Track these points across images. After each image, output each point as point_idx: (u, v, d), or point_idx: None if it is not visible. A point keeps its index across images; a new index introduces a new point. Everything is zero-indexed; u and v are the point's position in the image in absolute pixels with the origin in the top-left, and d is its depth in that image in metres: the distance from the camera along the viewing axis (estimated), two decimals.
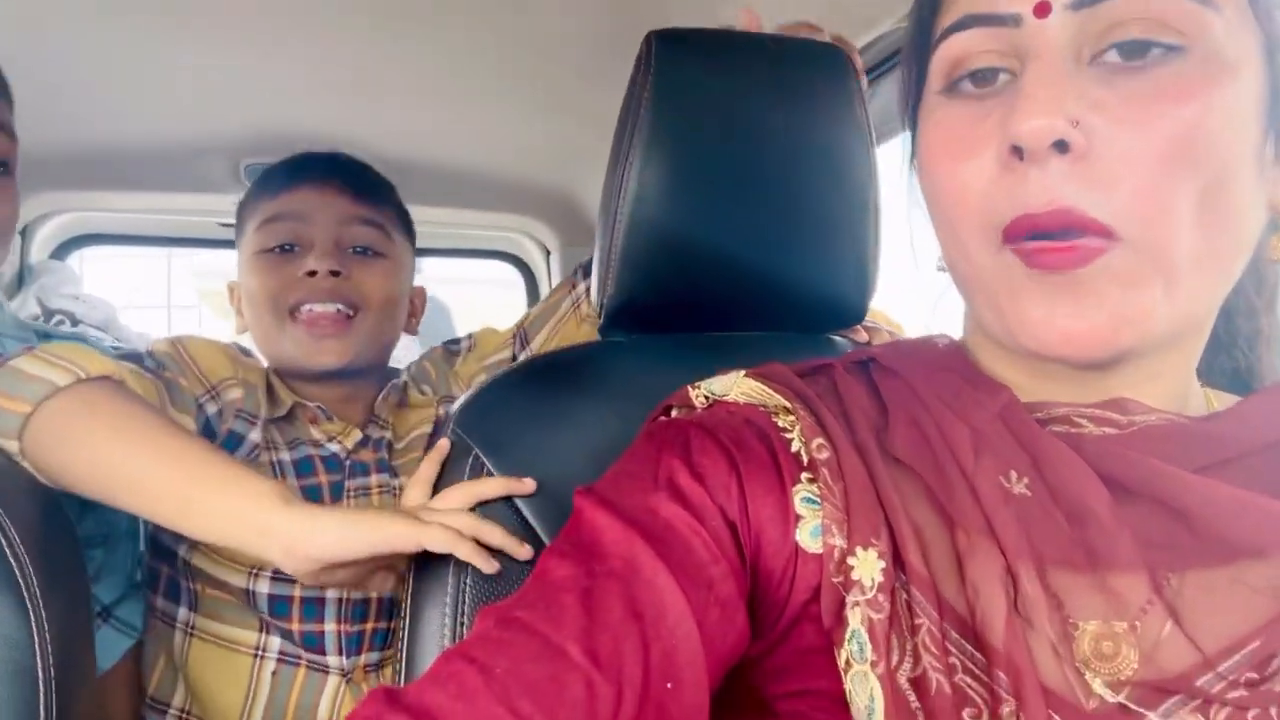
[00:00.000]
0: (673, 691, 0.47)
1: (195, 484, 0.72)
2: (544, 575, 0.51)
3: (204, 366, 0.97)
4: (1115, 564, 0.46)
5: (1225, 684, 0.44)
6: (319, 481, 1.01)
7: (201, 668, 0.97)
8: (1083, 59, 0.47)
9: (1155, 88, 0.45)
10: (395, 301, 1.10)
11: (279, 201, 1.06)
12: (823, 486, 0.52)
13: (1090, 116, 0.45)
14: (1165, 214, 0.45)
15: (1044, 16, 0.47)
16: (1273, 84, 0.48)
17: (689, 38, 0.80)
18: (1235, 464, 0.49)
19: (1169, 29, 0.45)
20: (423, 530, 0.70)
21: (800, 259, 0.83)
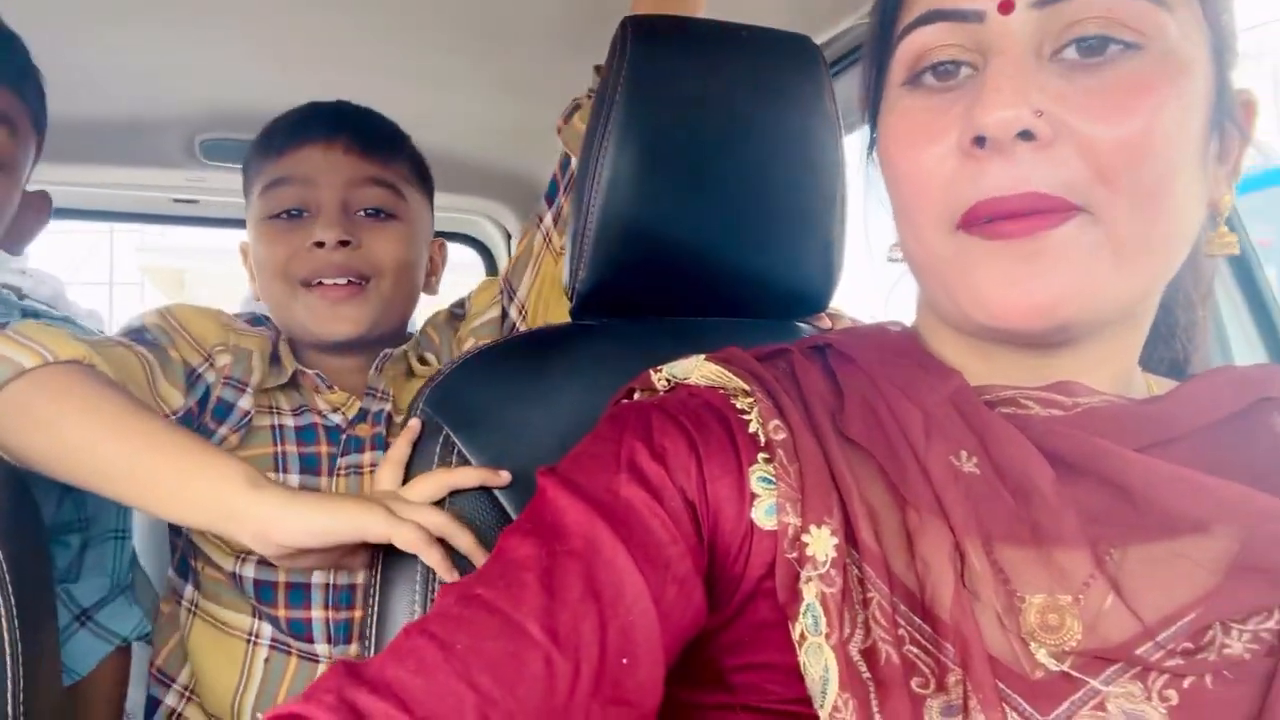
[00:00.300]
0: (628, 667, 0.49)
1: (163, 468, 0.72)
2: (505, 553, 0.52)
3: (195, 333, 0.95)
4: (1059, 539, 0.48)
5: (1163, 653, 0.46)
6: (319, 451, 0.99)
7: (200, 647, 0.97)
8: (1044, 54, 0.49)
9: (1114, 83, 0.48)
10: (411, 265, 1.05)
11: (283, 163, 1.00)
12: (778, 466, 0.54)
13: (1052, 108, 0.47)
14: (1119, 196, 0.48)
15: (1007, 13, 0.49)
16: (1219, 83, 0.51)
17: (663, 25, 0.81)
18: (1175, 444, 0.52)
19: (1126, 28, 0.48)
20: (395, 527, 0.70)
21: (768, 247, 0.84)
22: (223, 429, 0.95)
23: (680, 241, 0.82)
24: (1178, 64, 0.48)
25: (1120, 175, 0.47)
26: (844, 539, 0.51)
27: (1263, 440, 0.53)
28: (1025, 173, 0.48)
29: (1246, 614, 0.48)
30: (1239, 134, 0.54)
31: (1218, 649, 0.47)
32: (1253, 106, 0.54)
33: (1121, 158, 0.47)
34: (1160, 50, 0.48)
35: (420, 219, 1.08)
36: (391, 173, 1.03)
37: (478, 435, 0.77)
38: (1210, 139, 0.51)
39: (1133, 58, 0.48)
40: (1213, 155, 0.52)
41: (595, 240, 0.79)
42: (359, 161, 1.01)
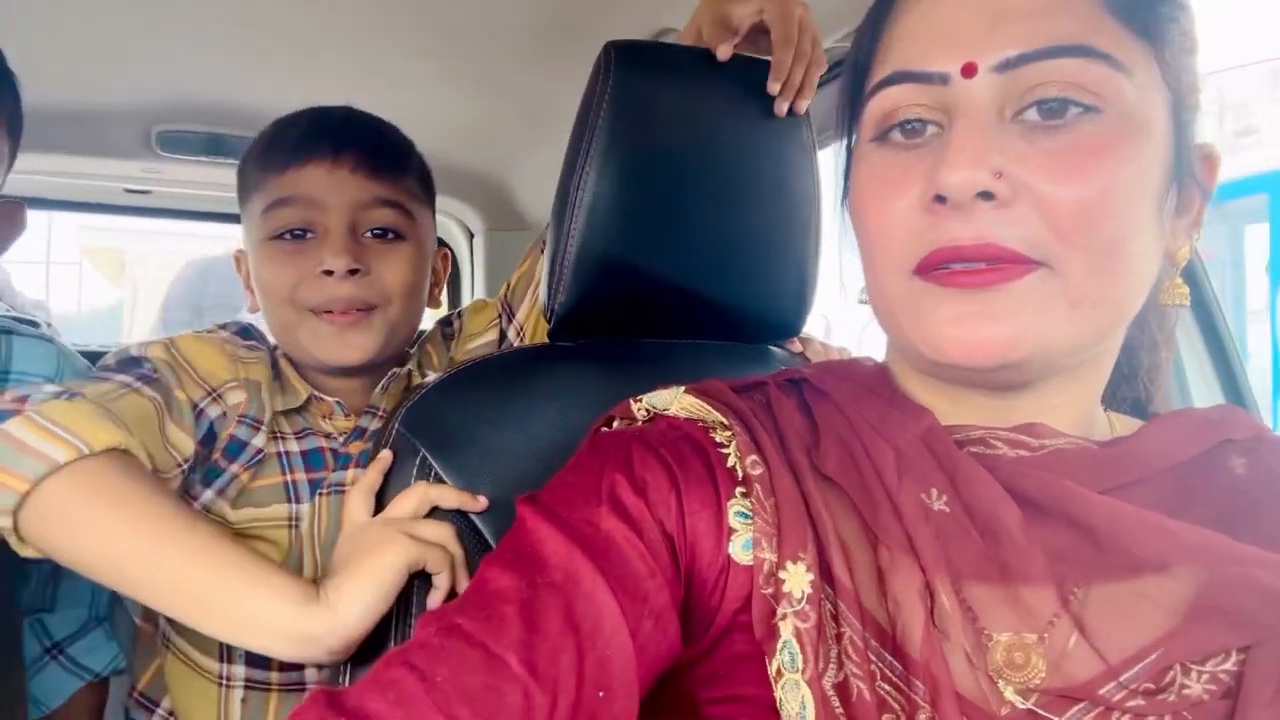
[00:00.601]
0: (604, 700, 0.49)
1: (213, 586, 0.68)
2: (486, 584, 0.53)
3: (202, 370, 0.91)
4: (1026, 578, 0.50)
5: (1126, 693, 0.48)
6: (328, 477, 0.96)
7: (176, 684, 0.94)
8: (1005, 116, 0.51)
9: (1073, 145, 0.49)
10: (420, 286, 1.02)
11: (286, 181, 0.95)
12: (755, 502, 0.55)
13: (1012, 169, 0.49)
14: (1076, 252, 0.49)
15: (970, 76, 0.51)
16: (1178, 140, 0.53)
17: (646, 51, 0.82)
18: (1138, 486, 0.54)
19: (1086, 91, 0.50)
20: (425, 551, 0.70)
21: (744, 273, 0.86)
22: (234, 466, 0.91)
23: (658, 265, 0.82)
24: (1135, 126, 0.50)
25: (1077, 233, 0.49)
26: (819, 575, 0.52)
27: (1222, 482, 0.55)
28: (984, 229, 0.50)
29: (1205, 655, 0.50)
30: (1199, 188, 0.55)
31: (1177, 690, 0.49)
32: (1213, 160, 0.56)
33: (1080, 218, 0.49)
34: (1118, 113, 0.50)
35: (428, 236, 1.04)
36: (401, 191, 0.99)
37: (455, 456, 0.77)
38: (1168, 193, 0.53)
39: (1092, 120, 0.50)
40: (1171, 208, 0.54)
41: (575, 263, 0.80)
42: (366, 182, 0.96)
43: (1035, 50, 0.50)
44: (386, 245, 0.98)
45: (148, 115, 1.58)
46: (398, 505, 0.74)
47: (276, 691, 0.93)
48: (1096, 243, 0.49)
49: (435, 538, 0.71)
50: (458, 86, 1.58)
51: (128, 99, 1.54)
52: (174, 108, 1.57)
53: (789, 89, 0.83)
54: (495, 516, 0.75)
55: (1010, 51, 0.50)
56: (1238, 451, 0.57)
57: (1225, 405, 0.60)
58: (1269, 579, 0.49)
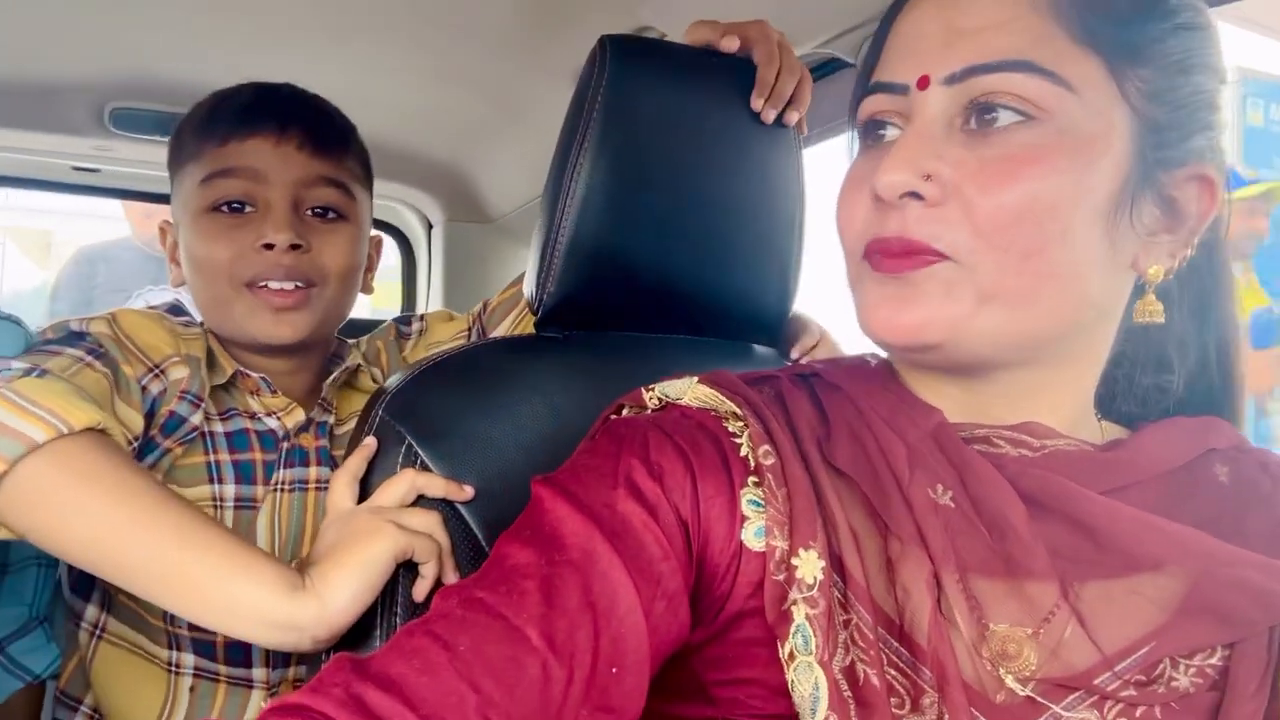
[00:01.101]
0: (616, 676, 0.51)
1: (197, 570, 0.67)
2: (505, 559, 0.54)
3: (143, 343, 0.89)
4: (1030, 573, 0.53)
5: (1120, 683, 0.51)
6: (253, 458, 0.94)
7: (111, 674, 0.90)
8: (954, 125, 0.55)
9: (1005, 153, 0.53)
10: (357, 268, 1.02)
11: (227, 153, 0.93)
12: (767, 491, 0.56)
13: (947, 172, 0.53)
14: (994, 253, 0.53)
15: (924, 88, 0.56)
16: (1143, 160, 0.55)
17: (640, 47, 0.82)
18: (1131, 489, 0.57)
19: (1026, 102, 0.53)
20: (413, 540, 0.69)
21: (730, 270, 0.87)
22: (168, 441, 0.89)
23: (647, 260, 0.83)
24: (1078, 139, 0.53)
25: (994, 235, 0.53)
26: (829, 562, 0.54)
27: (1208, 489, 0.58)
28: (907, 225, 0.55)
29: (1195, 650, 0.53)
30: (1183, 209, 0.57)
31: (1166, 681, 0.52)
32: (1211, 183, 0.57)
33: (998, 221, 0.52)
34: (1057, 126, 0.53)
35: (367, 219, 1.04)
36: (344, 171, 0.99)
37: (440, 444, 0.76)
38: (1122, 210, 0.54)
39: (1028, 129, 0.53)
40: (1136, 225, 0.55)
41: (566, 254, 0.80)
42: (311, 160, 0.96)
43: (981, 64, 0.54)
44: (327, 225, 0.97)
45: (102, 91, 1.53)
46: (384, 493, 0.73)
47: (224, 684, 0.91)
48: (1013, 245, 0.52)
49: (423, 527, 0.71)
50: (425, 75, 1.55)
51: (81, 74, 1.49)
52: (130, 85, 1.52)
53: (776, 99, 0.85)
54: (480, 506, 0.75)
55: (958, 65, 0.54)
56: (1221, 460, 0.60)
57: (1208, 417, 0.63)
58: (1257, 579, 0.52)
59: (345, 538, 0.70)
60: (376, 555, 0.68)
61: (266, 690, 0.92)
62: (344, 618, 0.67)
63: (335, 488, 0.75)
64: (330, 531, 0.73)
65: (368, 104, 1.65)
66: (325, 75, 1.52)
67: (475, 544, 0.74)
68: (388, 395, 0.79)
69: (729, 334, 0.91)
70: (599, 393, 0.78)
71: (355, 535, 0.69)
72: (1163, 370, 0.64)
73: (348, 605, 0.67)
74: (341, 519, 0.73)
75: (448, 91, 1.62)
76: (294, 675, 0.93)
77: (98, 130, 1.58)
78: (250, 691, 0.91)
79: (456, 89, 1.61)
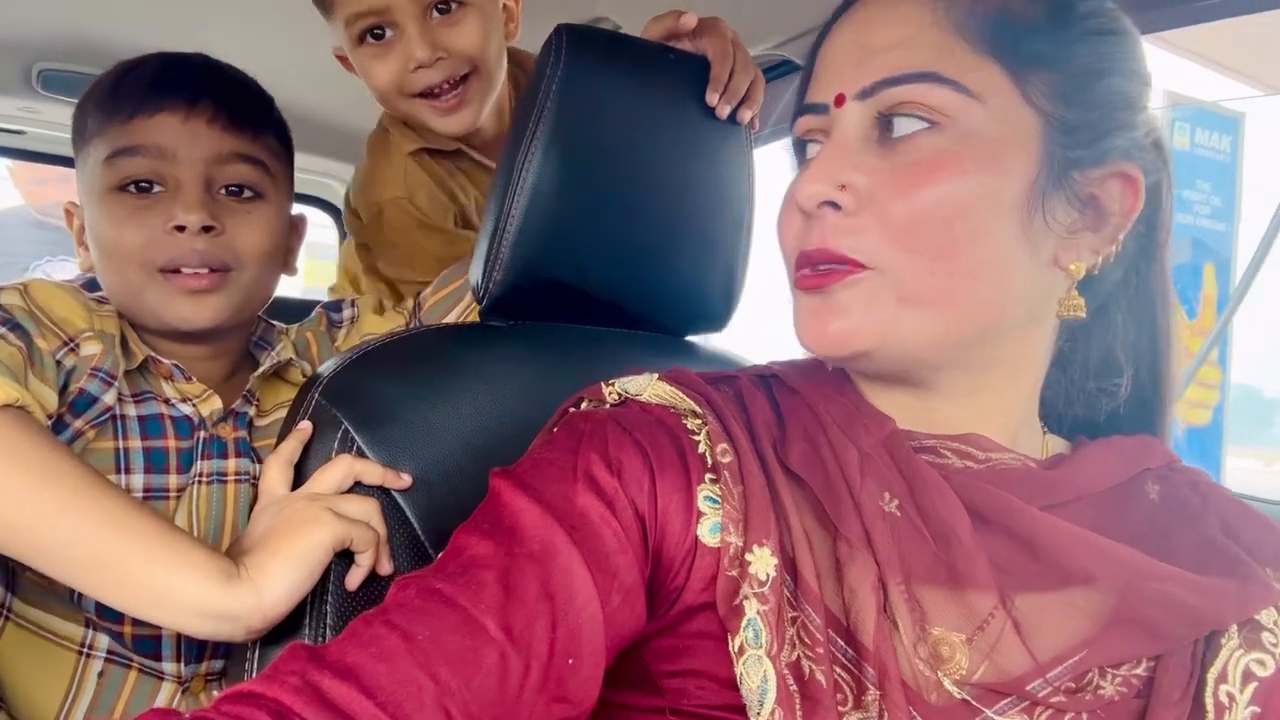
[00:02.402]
0: (573, 667, 0.52)
1: (127, 558, 0.64)
2: (463, 551, 0.55)
3: (57, 316, 0.84)
4: (971, 581, 0.55)
5: (1050, 689, 0.53)
6: (166, 445, 0.90)
7: (14, 657, 0.86)
8: (870, 139, 0.58)
9: (914, 160, 0.55)
10: (277, 250, 0.97)
11: (133, 129, 0.88)
12: (723, 488, 0.58)
13: (862, 181, 0.56)
14: (909, 256, 0.55)
15: (840, 105, 0.59)
16: (1053, 160, 0.56)
17: (597, 39, 0.82)
18: (1069, 506, 0.59)
19: (932, 110, 0.56)
20: (350, 528, 0.67)
21: (677, 266, 0.87)
22: (78, 422, 0.84)
23: (596, 252, 0.83)
24: (984, 142, 0.55)
25: (907, 238, 0.55)
26: (781, 560, 0.55)
27: (1139, 506, 0.61)
28: (826, 235, 0.57)
29: (1122, 660, 0.55)
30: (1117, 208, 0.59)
31: (1093, 689, 0.54)
32: (1133, 181, 0.58)
33: (910, 224, 0.55)
34: (960, 132, 0.55)
35: (285, 199, 0.99)
36: (260, 147, 0.94)
37: (378, 431, 0.75)
38: (1036, 208, 0.56)
39: (934, 135, 0.56)
40: (1057, 223, 0.57)
41: (514, 243, 0.79)
42: (224, 135, 0.90)
43: (887, 78, 0.57)
44: (242, 205, 0.92)
45: (30, 50, 1.47)
46: (321, 479, 0.71)
47: (135, 671, 0.88)
48: (926, 248, 0.55)
49: (360, 514, 0.69)
50: None
51: (8, 31, 1.43)
52: (60, 46, 1.47)
53: (730, 95, 0.85)
54: (417, 495, 0.74)
55: (869, 81, 0.57)
56: (1153, 478, 0.63)
57: (1144, 436, 0.65)
58: (1182, 595, 0.54)
59: (281, 525, 0.68)
60: (315, 544, 0.66)
61: (178, 684, 0.89)
62: (280, 608, 0.66)
63: (269, 473, 0.73)
64: (264, 518, 0.70)
65: (306, 74, 1.62)
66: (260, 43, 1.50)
67: (411, 533, 0.73)
68: (324, 379, 0.77)
69: (672, 329, 0.92)
70: (543, 384, 0.78)
71: (291, 523, 0.67)
72: (1109, 373, 0.65)
73: (285, 595, 0.65)
74: (276, 505, 0.71)
75: None
76: (206, 670, 0.90)
77: (24, 90, 1.53)
78: (161, 683, 0.88)
79: None
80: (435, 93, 1.07)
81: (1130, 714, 0.55)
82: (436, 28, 0.98)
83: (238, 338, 1.00)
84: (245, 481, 0.93)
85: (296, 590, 0.66)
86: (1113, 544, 0.55)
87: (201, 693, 0.90)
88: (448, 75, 0.98)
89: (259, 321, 1.05)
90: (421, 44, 0.96)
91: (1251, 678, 0.56)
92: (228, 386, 0.97)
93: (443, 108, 1.00)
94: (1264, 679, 0.56)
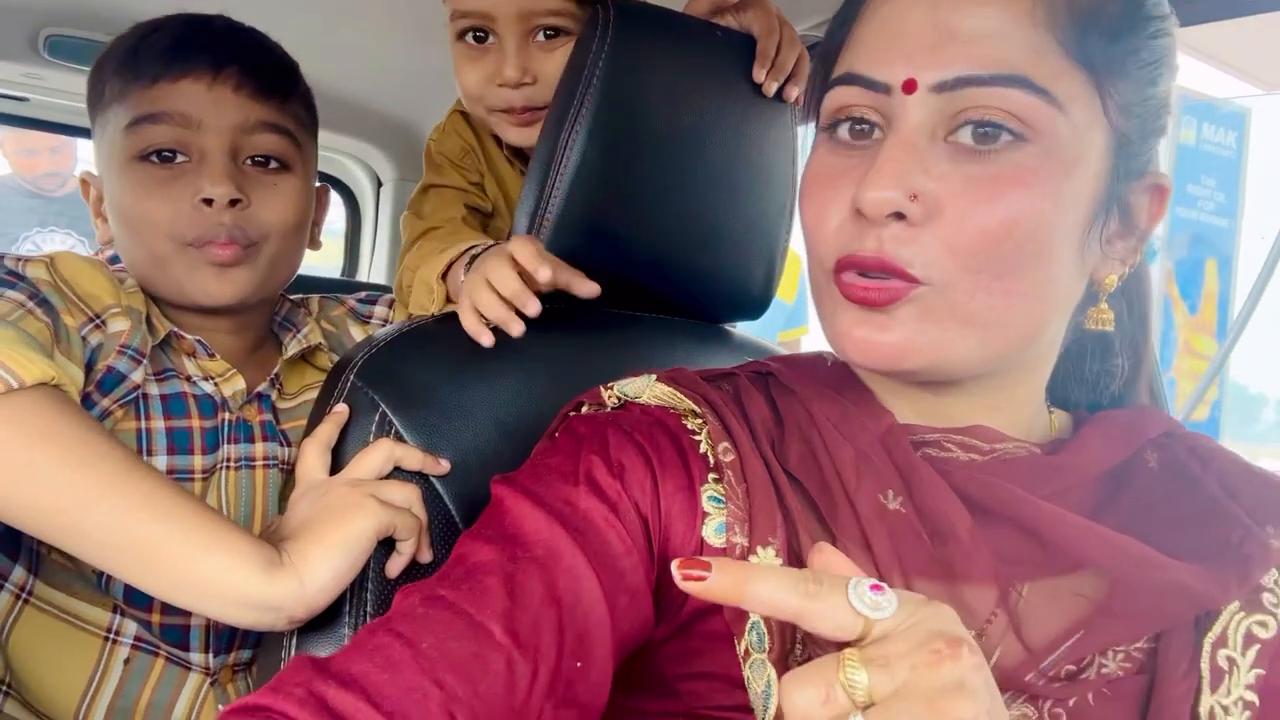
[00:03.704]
0: (581, 670, 0.52)
1: (165, 542, 0.62)
2: (466, 558, 0.54)
3: (83, 291, 0.81)
4: (969, 579, 0.54)
5: (1047, 679, 0.53)
6: (190, 425, 0.87)
7: (34, 642, 0.83)
8: (938, 136, 0.53)
9: (996, 172, 0.51)
10: (304, 225, 0.94)
11: (156, 95, 0.84)
12: (727, 487, 0.57)
13: (932, 188, 0.51)
14: (974, 276, 0.52)
15: (910, 93, 0.53)
16: (1114, 174, 0.55)
17: (646, 14, 0.80)
18: (1073, 490, 0.58)
19: (1016, 119, 0.51)
20: (394, 516, 0.65)
21: (717, 252, 0.85)
22: (106, 400, 0.81)
23: (637, 236, 0.81)
24: (1063, 160, 0.52)
25: (972, 256, 0.52)
26: (787, 560, 0.54)
27: (1140, 477, 0.60)
28: (886, 245, 0.52)
29: (1119, 644, 0.55)
30: (1137, 218, 0.57)
31: (1096, 669, 0.54)
32: (1163, 191, 0.57)
33: (978, 243, 0.51)
34: (1045, 147, 0.51)
35: (312, 168, 0.96)
36: (288, 116, 0.90)
37: (415, 414, 0.73)
38: (1095, 225, 0.55)
39: (1018, 149, 0.51)
40: (1105, 235, 0.56)
41: (555, 225, 0.77)
42: (250, 103, 0.86)
43: (975, 75, 0.51)
44: (269, 175, 0.89)
45: (38, 14, 1.42)
46: (361, 463, 0.69)
47: (163, 659, 0.86)
48: (990, 266, 0.52)
49: (403, 501, 0.67)
50: (390, 23, 1.48)
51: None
52: (68, 11, 1.42)
53: (778, 71, 0.83)
54: (455, 480, 0.72)
55: (950, 73, 0.52)
56: (1151, 447, 0.62)
57: (1141, 408, 0.65)
58: (1185, 580, 0.53)
59: (323, 512, 0.66)
60: (359, 532, 0.64)
61: (206, 675, 0.86)
62: (324, 597, 0.64)
63: (306, 457, 0.71)
64: (303, 504, 0.68)
65: (322, 47, 1.58)
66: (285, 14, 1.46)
67: (449, 520, 0.71)
68: (359, 361, 0.75)
69: (712, 316, 0.90)
70: (578, 369, 0.77)
71: (334, 509, 0.65)
72: (1109, 356, 0.65)
73: (328, 584, 0.63)
74: (316, 491, 0.68)
75: (411, 42, 1.55)
76: (234, 661, 0.88)
77: (31, 56, 1.47)
78: (189, 673, 0.86)
79: (420, 41, 1.54)
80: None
81: (1135, 690, 0.54)
82: (535, 50, 0.93)
83: (262, 313, 0.97)
84: (274, 466, 0.91)
85: (341, 579, 0.64)
86: (1115, 535, 0.54)
87: (230, 684, 0.88)
88: (528, 101, 0.94)
89: (283, 300, 1.02)
90: (514, 63, 0.91)
91: (1254, 640, 0.55)
92: (251, 363, 0.94)
93: (516, 121, 0.95)
94: (1267, 640, 0.55)
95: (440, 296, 0.83)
